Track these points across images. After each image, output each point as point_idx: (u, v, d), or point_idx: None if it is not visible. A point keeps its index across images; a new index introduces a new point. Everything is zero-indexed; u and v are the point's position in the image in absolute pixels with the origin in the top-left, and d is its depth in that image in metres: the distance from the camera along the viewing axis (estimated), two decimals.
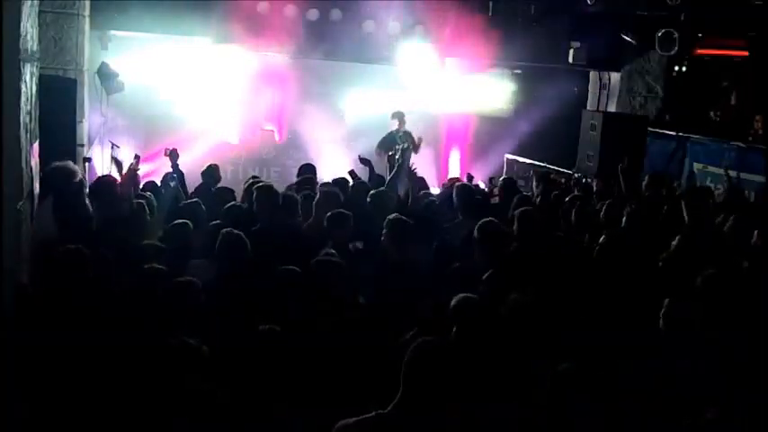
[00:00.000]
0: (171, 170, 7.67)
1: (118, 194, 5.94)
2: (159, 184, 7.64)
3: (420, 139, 10.59)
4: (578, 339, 4.06)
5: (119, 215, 5.64)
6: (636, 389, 3.67)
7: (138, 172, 7.26)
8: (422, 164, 12.67)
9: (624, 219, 6.43)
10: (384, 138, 11.02)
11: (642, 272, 5.28)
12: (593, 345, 4.03)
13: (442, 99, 13.41)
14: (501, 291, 4.50)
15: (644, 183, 8.54)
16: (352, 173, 8.13)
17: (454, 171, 12.95)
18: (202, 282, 4.41)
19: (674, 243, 5.57)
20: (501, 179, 8.73)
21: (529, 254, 5.41)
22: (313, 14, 11.11)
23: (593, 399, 3.28)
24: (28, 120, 5.06)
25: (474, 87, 13.64)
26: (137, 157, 6.75)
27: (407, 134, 11.02)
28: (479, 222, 5.42)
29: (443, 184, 8.17)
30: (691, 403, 3.58)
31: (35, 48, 5.29)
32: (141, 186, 7.08)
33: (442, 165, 13.33)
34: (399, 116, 11.24)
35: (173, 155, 7.62)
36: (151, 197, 6.47)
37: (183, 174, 7.70)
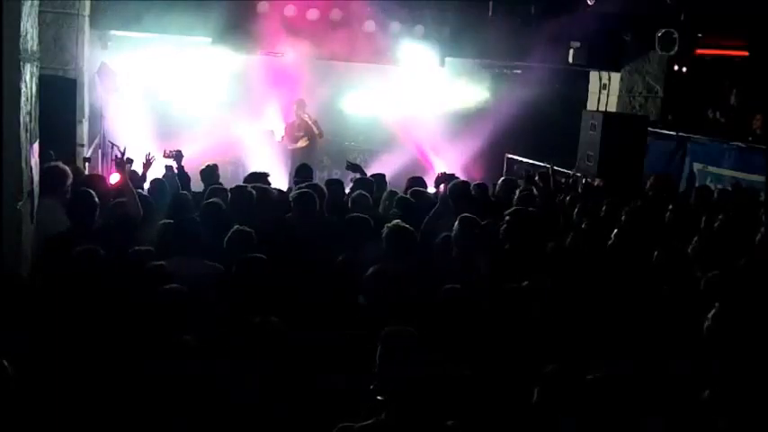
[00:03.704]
0: (168, 171, 7.67)
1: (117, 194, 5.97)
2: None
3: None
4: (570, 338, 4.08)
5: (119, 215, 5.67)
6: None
7: (135, 168, 7.30)
8: (420, 164, 12.82)
9: (624, 217, 6.44)
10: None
11: (636, 270, 5.31)
12: (584, 343, 4.05)
13: (441, 99, 13.41)
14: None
15: (648, 183, 8.56)
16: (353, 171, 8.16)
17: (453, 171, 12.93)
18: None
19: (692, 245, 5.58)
20: (501, 179, 8.73)
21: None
22: (313, 14, 11.11)
23: (578, 399, 3.27)
24: (28, 120, 5.06)
25: (473, 87, 13.65)
26: (129, 160, 6.75)
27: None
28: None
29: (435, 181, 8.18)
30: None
31: (35, 48, 5.29)
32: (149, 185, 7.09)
33: (440, 165, 13.31)
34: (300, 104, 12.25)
35: (177, 157, 7.60)
36: (147, 196, 6.49)
37: (188, 176, 7.69)
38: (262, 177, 7.40)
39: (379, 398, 3.18)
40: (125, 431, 3.54)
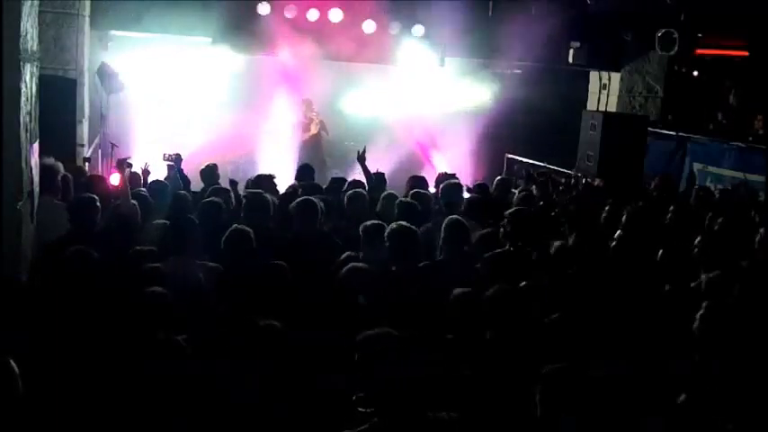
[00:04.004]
0: (170, 170, 7.68)
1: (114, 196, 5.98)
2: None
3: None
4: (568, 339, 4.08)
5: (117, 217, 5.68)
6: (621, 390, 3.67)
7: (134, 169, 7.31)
8: (421, 164, 12.82)
9: (626, 217, 6.44)
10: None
11: (638, 270, 5.30)
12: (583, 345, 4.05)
13: (442, 99, 13.41)
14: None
15: (653, 183, 8.56)
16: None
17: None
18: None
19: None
20: (497, 178, 8.74)
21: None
22: (313, 15, 11.11)
23: (579, 399, 3.27)
24: (28, 120, 5.06)
25: (473, 87, 13.64)
26: (129, 164, 6.76)
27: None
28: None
29: (435, 181, 8.24)
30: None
31: (35, 48, 5.29)
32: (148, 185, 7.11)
33: (441, 165, 13.32)
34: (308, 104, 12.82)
35: (177, 160, 7.62)
36: (147, 197, 6.50)
37: (188, 179, 7.70)
38: (268, 179, 7.43)
39: (360, 410, 3.17)
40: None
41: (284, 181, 8.05)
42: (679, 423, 3.35)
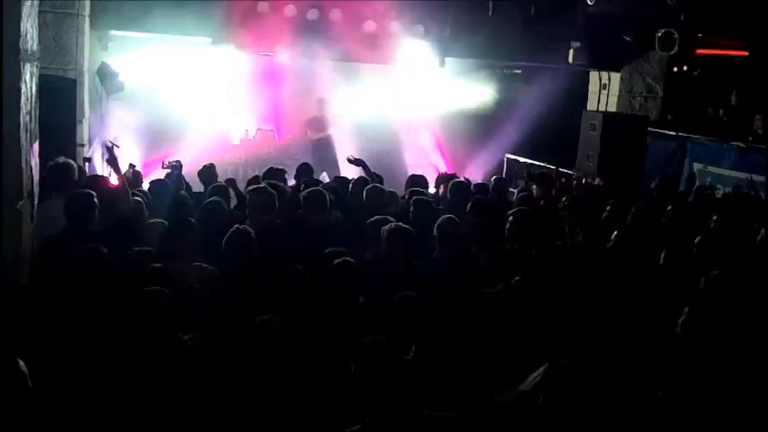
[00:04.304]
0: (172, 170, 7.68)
1: (113, 195, 5.97)
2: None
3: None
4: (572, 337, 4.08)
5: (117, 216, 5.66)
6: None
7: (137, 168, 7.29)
8: (420, 164, 12.81)
9: (629, 217, 6.44)
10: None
11: (638, 271, 5.30)
12: (587, 342, 4.05)
13: (442, 99, 13.41)
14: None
15: (653, 184, 8.56)
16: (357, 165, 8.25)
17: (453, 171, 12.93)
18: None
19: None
20: (493, 178, 8.74)
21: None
22: (313, 14, 11.11)
23: (587, 395, 3.27)
24: (28, 120, 5.06)
25: (473, 87, 13.64)
26: (131, 165, 6.73)
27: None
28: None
29: (435, 180, 8.26)
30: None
31: (35, 48, 5.29)
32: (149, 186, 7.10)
33: (440, 165, 13.33)
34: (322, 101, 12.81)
35: (178, 166, 7.62)
36: (147, 196, 6.50)
37: (189, 185, 7.70)
38: (278, 173, 7.46)
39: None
40: None
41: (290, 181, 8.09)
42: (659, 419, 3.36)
